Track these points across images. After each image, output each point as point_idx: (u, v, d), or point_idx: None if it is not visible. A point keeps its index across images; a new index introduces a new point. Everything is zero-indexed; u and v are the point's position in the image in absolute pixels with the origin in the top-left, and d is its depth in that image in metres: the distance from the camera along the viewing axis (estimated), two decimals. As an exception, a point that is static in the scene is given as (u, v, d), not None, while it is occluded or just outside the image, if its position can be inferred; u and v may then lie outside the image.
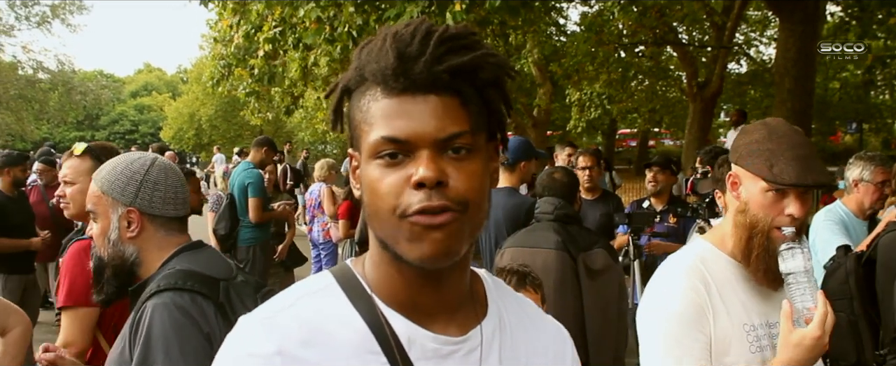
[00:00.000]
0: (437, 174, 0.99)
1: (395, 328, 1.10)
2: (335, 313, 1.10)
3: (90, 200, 2.18)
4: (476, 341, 1.15)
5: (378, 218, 1.05)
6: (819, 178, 1.94)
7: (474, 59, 1.02)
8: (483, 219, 1.08)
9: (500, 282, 1.29)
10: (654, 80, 21.54)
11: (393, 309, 1.11)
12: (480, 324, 1.17)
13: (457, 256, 1.05)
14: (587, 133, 25.41)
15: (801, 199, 1.97)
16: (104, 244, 2.16)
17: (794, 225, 1.96)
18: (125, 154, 2.32)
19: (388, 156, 1.02)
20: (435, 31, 1.03)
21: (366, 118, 1.05)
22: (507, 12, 8.18)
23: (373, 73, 1.03)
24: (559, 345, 1.32)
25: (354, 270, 1.16)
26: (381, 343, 1.08)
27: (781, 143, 1.99)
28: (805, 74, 9.79)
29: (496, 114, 1.09)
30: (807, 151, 1.97)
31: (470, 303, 1.18)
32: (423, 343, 1.10)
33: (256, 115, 15.82)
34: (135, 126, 62.37)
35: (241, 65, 11.29)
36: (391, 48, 1.01)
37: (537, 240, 3.84)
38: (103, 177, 2.18)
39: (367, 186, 1.05)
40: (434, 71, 1.00)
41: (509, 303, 1.26)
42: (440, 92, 1.01)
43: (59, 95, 36.09)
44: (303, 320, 1.08)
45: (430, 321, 1.12)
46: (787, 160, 1.95)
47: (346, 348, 1.07)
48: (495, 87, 1.07)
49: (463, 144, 1.03)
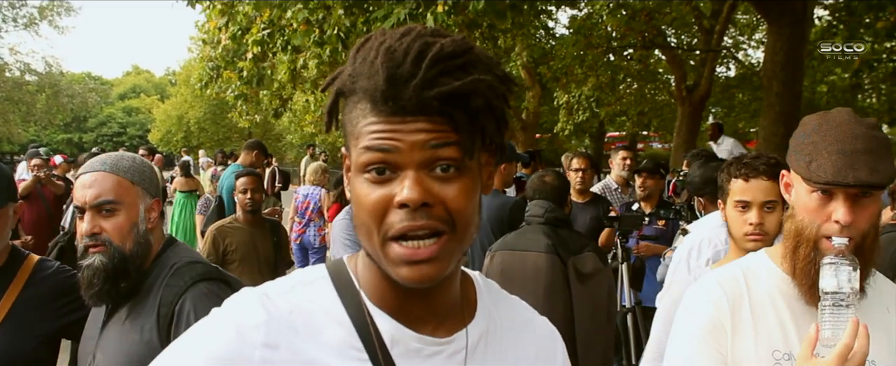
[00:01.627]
0: (421, 196, 0.99)
1: (380, 327, 1.11)
2: (324, 306, 1.12)
3: (112, 191, 2.14)
4: (461, 344, 1.15)
5: (364, 233, 1.05)
6: (864, 176, 1.64)
7: (464, 86, 0.99)
8: (473, 234, 1.07)
9: (493, 284, 1.30)
10: (643, 83, 21.59)
11: (380, 309, 1.12)
12: (466, 327, 1.17)
13: (442, 278, 1.05)
14: (575, 136, 25.41)
15: (852, 201, 1.69)
16: (129, 236, 2.15)
17: (845, 234, 1.67)
18: (118, 152, 2.33)
19: (375, 171, 1.02)
20: (429, 48, 1.00)
21: (354, 132, 1.05)
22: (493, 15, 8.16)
23: (364, 90, 1.02)
24: (549, 347, 1.32)
25: (348, 267, 1.18)
26: (364, 340, 1.09)
27: (828, 135, 1.72)
28: (793, 78, 9.81)
29: (490, 133, 1.07)
30: (861, 144, 1.67)
31: (459, 306, 1.18)
32: (406, 343, 1.11)
33: (245, 117, 15.79)
34: (123, 128, 62.14)
35: (230, 67, 11.25)
36: (383, 67, 0.99)
37: (527, 243, 3.85)
38: (128, 168, 2.19)
39: (354, 198, 1.06)
40: (424, 96, 0.98)
41: (500, 305, 1.27)
42: (430, 114, 0.99)
43: (46, 97, 35.94)
44: (295, 306, 1.09)
45: (417, 323, 1.13)
46: (828, 154, 1.69)
47: (330, 341, 1.09)
48: (488, 110, 1.03)
49: (450, 162, 1.01)
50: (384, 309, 1.12)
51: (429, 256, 1.01)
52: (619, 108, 21.96)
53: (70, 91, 37.17)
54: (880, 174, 1.65)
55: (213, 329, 1.07)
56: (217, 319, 1.09)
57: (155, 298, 2.10)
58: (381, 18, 7.68)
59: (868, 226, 1.70)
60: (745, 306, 1.83)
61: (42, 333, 2.47)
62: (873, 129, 1.71)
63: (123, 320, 2.14)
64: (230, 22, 10.06)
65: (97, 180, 2.14)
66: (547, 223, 3.88)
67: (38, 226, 8.00)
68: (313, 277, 1.17)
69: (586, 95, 19.47)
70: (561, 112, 21.20)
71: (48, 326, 2.48)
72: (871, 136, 1.69)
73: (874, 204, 1.70)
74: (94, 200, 2.12)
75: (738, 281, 1.87)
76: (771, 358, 1.76)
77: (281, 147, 43.50)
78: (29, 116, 37.37)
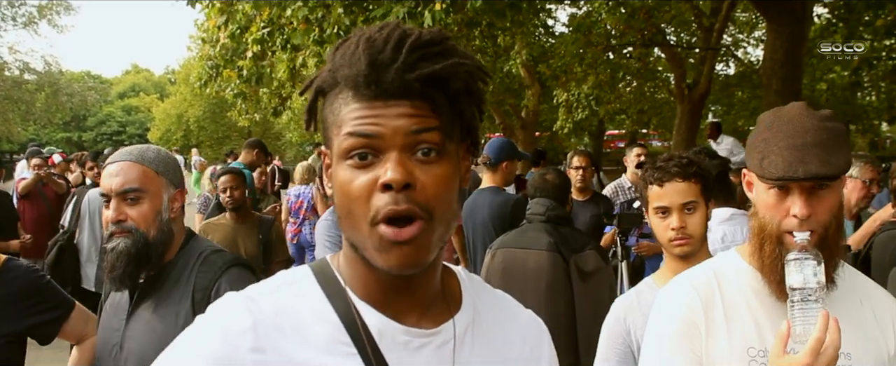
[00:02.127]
0: (405, 176, 1.00)
1: (367, 321, 1.12)
2: (310, 304, 1.13)
3: (139, 180, 2.22)
4: (448, 334, 1.17)
5: (349, 221, 1.06)
6: (814, 169, 1.64)
7: (445, 68, 1.03)
8: (452, 221, 1.09)
9: (476, 278, 1.31)
10: (643, 81, 21.56)
11: (366, 303, 1.13)
12: (453, 318, 1.19)
13: (425, 265, 1.07)
14: (575, 134, 25.40)
15: (808, 194, 1.69)
16: (153, 224, 2.23)
17: (805, 228, 1.68)
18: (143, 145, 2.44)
19: (357, 157, 1.04)
20: (408, 37, 1.03)
21: (337, 120, 1.07)
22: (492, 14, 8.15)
23: (345, 78, 1.05)
24: (535, 338, 1.33)
25: (332, 265, 1.19)
26: (353, 335, 1.10)
27: (780, 130, 1.73)
28: (792, 76, 9.81)
29: (468, 119, 1.10)
30: (812, 137, 1.68)
31: (444, 298, 1.20)
32: (394, 335, 1.12)
33: (244, 116, 15.76)
34: (122, 127, 62.14)
35: (229, 66, 11.24)
36: (364, 54, 1.02)
37: (529, 241, 3.86)
38: (153, 159, 2.29)
39: (338, 187, 1.07)
40: (406, 79, 1.01)
41: (485, 298, 1.28)
42: (411, 97, 1.02)
43: (45, 96, 35.94)
44: (280, 307, 1.10)
45: (402, 316, 1.14)
46: (779, 150, 1.70)
47: (318, 338, 1.09)
48: (467, 94, 1.07)
49: (432, 145, 1.03)
50: (370, 303, 1.13)
51: (410, 237, 1.02)
52: (618, 106, 21.94)
53: (69, 90, 37.17)
54: (832, 165, 1.66)
55: (201, 337, 1.07)
56: (204, 327, 1.09)
57: (187, 285, 2.21)
58: (380, 17, 7.67)
59: (829, 217, 1.71)
60: (718, 305, 1.84)
61: (7, 332, 2.48)
62: (826, 120, 1.73)
63: (153, 309, 2.22)
64: (229, 20, 10.04)
65: (123, 169, 2.23)
66: (548, 221, 3.88)
67: (38, 224, 8.00)
68: (297, 276, 1.18)
69: (586, 93, 19.42)
70: (560, 110, 21.15)
71: (14, 326, 2.50)
72: (822, 128, 1.70)
73: (832, 195, 1.71)
74: (120, 188, 2.21)
75: (710, 281, 1.88)
76: (746, 355, 1.76)
77: (280, 145, 43.51)
78: (28, 114, 37.37)
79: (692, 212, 2.54)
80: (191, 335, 1.09)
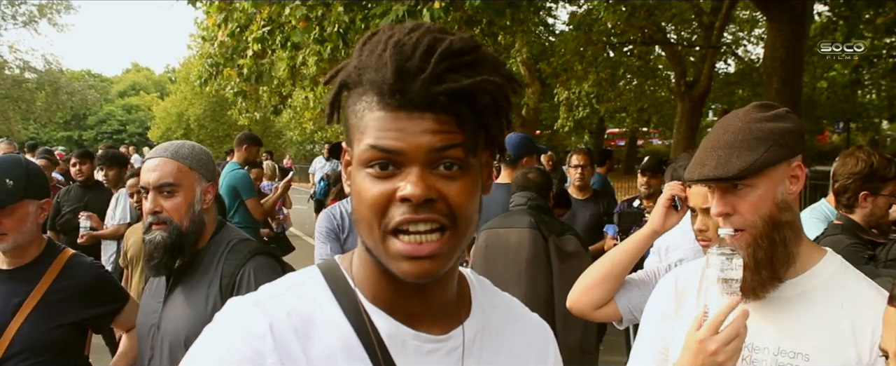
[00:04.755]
0: (425, 192, 0.98)
1: (378, 326, 1.10)
2: (319, 306, 1.10)
3: (173, 175, 2.41)
4: (458, 341, 1.15)
5: (364, 226, 1.04)
6: (707, 171, 1.71)
7: (473, 84, 0.98)
8: (472, 231, 1.07)
9: (486, 282, 1.29)
10: (643, 79, 21.60)
11: (376, 306, 1.11)
12: (463, 324, 1.17)
13: (442, 273, 1.05)
14: (575, 132, 25.42)
15: (723, 193, 1.73)
16: (187, 215, 2.42)
17: (728, 225, 1.72)
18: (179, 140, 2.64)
19: (378, 166, 1.00)
20: (438, 44, 0.99)
21: (359, 125, 1.03)
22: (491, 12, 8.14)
23: (371, 82, 1.01)
24: (542, 344, 1.32)
25: (341, 266, 1.16)
26: (363, 340, 1.08)
27: (709, 136, 1.79)
28: (793, 74, 9.82)
29: (493, 131, 1.06)
30: (728, 137, 1.73)
31: (454, 304, 1.18)
32: (404, 340, 1.11)
33: (244, 114, 15.79)
34: (123, 126, 62.10)
35: (230, 64, 11.25)
36: (391, 59, 0.98)
37: (511, 222, 4.01)
38: (187, 155, 2.46)
39: (355, 192, 1.04)
40: (432, 91, 0.97)
41: (495, 302, 1.27)
42: (436, 111, 0.98)
43: (46, 94, 35.98)
44: (291, 309, 1.08)
45: (413, 320, 1.12)
46: (697, 152, 1.78)
47: (329, 343, 1.07)
48: (494, 108, 1.03)
49: (455, 160, 1.00)
50: (380, 307, 1.11)
51: (430, 253, 1.00)
52: (618, 104, 21.99)
53: (70, 89, 37.22)
54: (728, 167, 1.68)
55: (223, 343, 1.05)
56: (222, 332, 1.06)
57: (216, 270, 2.39)
58: (379, 15, 7.68)
59: (755, 216, 1.71)
60: (690, 295, 1.91)
61: (66, 321, 2.74)
62: (759, 121, 1.73)
63: (186, 293, 2.41)
64: (229, 19, 10.05)
65: (159, 165, 2.42)
66: (530, 209, 4.01)
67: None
68: (305, 277, 1.16)
69: (586, 91, 19.44)
70: (561, 109, 21.17)
71: (74, 316, 2.76)
72: (744, 129, 1.72)
73: (756, 193, 1.71)
74: (157, 182, 2.40)
75: (696, 273, 1.94)
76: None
77: (281, 144, 43.50)
78: (29, 113, 37.42)
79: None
80: (212, 343, 1.06)
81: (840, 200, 3.49)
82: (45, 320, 2.68)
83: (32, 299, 2.69)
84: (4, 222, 2.63)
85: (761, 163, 1.68)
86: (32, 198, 2.71)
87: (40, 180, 2.78)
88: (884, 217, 3.48)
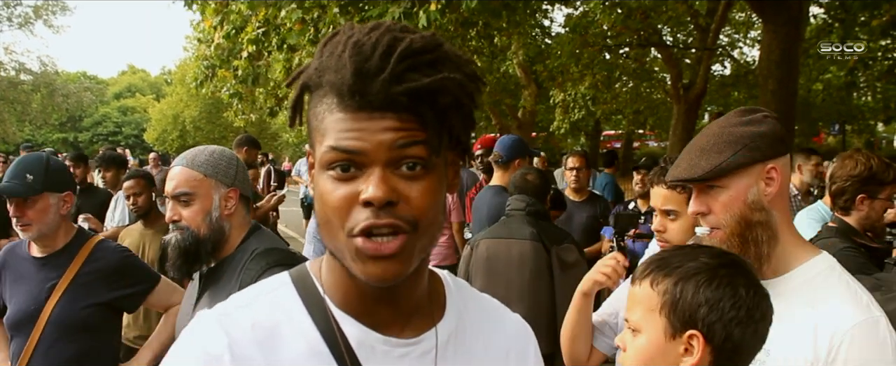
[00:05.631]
0: (387, 194, 0.97)
1: (347, 332, 1.09)
2: (288, 314, 1.10)
3: (188, 184, 2.46)
4: (430, 343, 1.14)
5: (327, 229, 1.04)
6: (677, 173, 1.83)
7: (434, 83, 0.97)
8: (437, 233, 1.06)
9: (462, 282, 1.29)
10: (639, 81, 21.60)
11: (345, 313, 1.11)
12: (436, 326, 1.16)
13: (405, 276, 1.04)
14: (571, 134, 25.42)
15: (698, 193, 1.83)
16: (203, 223, 2.46)
17: (705, 225, 1.82)
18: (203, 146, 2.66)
19: (339, 168, 1.00)
20: (398, 44, 0.98)
21: (320, 127, 1.02)
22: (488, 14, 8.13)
23: (330, 84, 1.00)
24: (521, 343, 1.31)
25: (311, 272, 1.16)
26: (331, 347, 1.08)
27: (691, 141, 1.89)
28: (788, 76, 9.82)
29: (457, 130, 1.05)
30: (702, 141, 1.83)
31: (427, 305, 1.17)
32: (373, 346, 1.10)
33: (240, 116, 15.77)
34: (118, 128, 62.00)
35: (225, 66, 11.23)
36: (350, 60, 0.97)
37: (512, 231, 3.98)
38: (203, 163, 2.50)
39: (318, 195, 1.04)
40: (392, 92, 0.96)
41: (469, 303, 1.26)
42: (397, 110, 0.98)
43: (41, 96, 35.94)
44: (256, 320, 1.08)
45: (383, 326, 1.12)
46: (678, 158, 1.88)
47: (297, 351, 1.07)
48: (457, 107, 1.02)
49: (417, 160, 1.00)
50: (349, 313, 1.11)
51: (391, 253, 0.99)
52: (614, 106, 21.99)
53: (65, 90, 37.16)
54: (695, 169, 1.78)
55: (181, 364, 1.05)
56: (181, 353, 1.06)
57: (237, 279, 2.40)
58: (375, 17, 7.67)
59: (726, 215, 1.78)
60: None
61: (96, 302, 3.05)
62: (732, 125, 1.81)
63: (211, 299, 2.42)
64: (225, 21, 10.04)
65: (176, 174, 2.49)
66: (529, 215, 3.98)
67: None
68: (275, 285, 1.16)
69: (582, 93, 19.46)
70: (557, 111, 21.19)
71: (102, 297, 3.08)
72: (719, 132, 1.80)
73: (727, 194, 1.78)
74: (173, 192, 2.47)
75: None
76: None
77: (277, 146, 43.49)
78: (24, 115, 37.38)
79: (675, 219, 2.55)
80: (169, 362, 1.06)
81: (836, 201, 3.50)
82: (76, 300, 3.02)
83: (63, 282, 3.03)
84: (27, 214, 3.00)
85: (727, 165, 1.76)
86: (53, 191, 3.05)
87: (61, 175, 3.13)
88: (879, 221, 3.48)
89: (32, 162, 3.09)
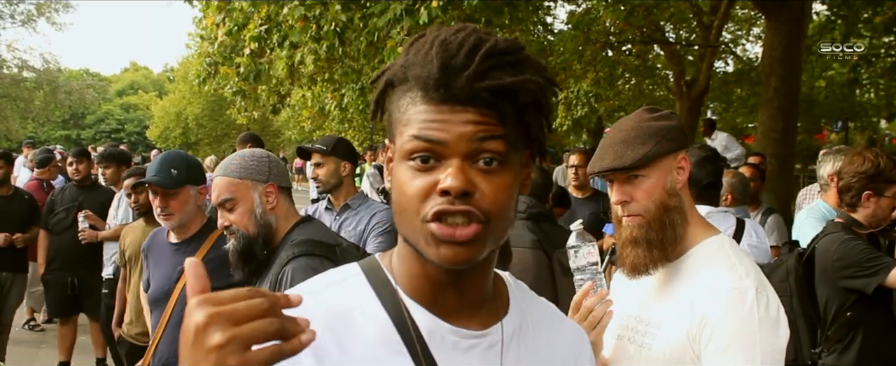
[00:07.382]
0: (464, 185, 1.01)
1: (417, 321, 1.12)
2: (360, 303, 1.13)
3: (226, 190, 2.65)
4: (496, 337, 1.17)
5: (403, 217, 1.07)
6: (606, 163, 1.93)
7: (516, 83, 1.02)
8: (508, 227, 1.10)
9: (522, 284, 1.32)
10: (642, 78, 21.55)
11: (416, 302, 1.14)
12: (501, 321, 1.19)
13: (476, 261, 1.07)
14: (574, 132, 25.41)
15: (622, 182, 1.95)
16: (250, 222, 2.66)
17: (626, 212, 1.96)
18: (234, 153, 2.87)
19: (419, 159, 1.04)
20: (483, 43, 1.03)
21: (402, 119, 1.07)
22: (490, 11, 8.11)
23: (416, 78, 1.05)
24: (578, 347, 1.34)
25: (381, 263, 1.20)
26: (403, 335, 1.11)
27: (606, 136, 2.03)
28: (791, 73, 9.82)
29: (534, 130, 1.09)
30: (622, 135, 1.95)
31: (492, 301, 1.21)
32: (443, 336, 1.13)
33: (243, 113, 15.75)
34: (121, 125, 62.08)
35: (228, 63, 11.23)
36: (437, 56, 1.02)
37: (512, 238, 3.87)
38: (235, 167, 2.68)
39: (396, 185, 1.08)
40: (475, 87, 1.00)
41: (531, 304, 1.29)
42: (479, 105, 1.02)
43: (44, 93, 35.90)
44: (329, 306, 1.11)
45: (452, 316, 1.14)
46: (597, 152, 1.99)
47: (369, 337, 1.10)
48: (535, 107, 1.07)
49: (494, 155, 1.03)
50: (420, 302, 1.14)
51: (465, 239, 1.02)
52: (617, 103, 21.96)
53: (68, 88, 37.13)
54: (624, 158, 1.91)
55: None
56: None
57: (275, 270, 2.56)
58: (377, 14, 7.67)
59: (649, 201, 1.93)
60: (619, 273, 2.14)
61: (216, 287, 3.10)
62: (646, 121, 1.96)
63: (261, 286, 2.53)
64: (227, 18, 10.03)
65: (217, 184, 2.68)
66: (530, 218, 3.94)
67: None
68: (346, 274, 1.19)
69: (585, 90, 19.44)
70: (559, 107, 21.16)
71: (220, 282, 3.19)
72: (636, 126, 1.95)
73: (649, 182, 1.93)
74: (218, 200, 2.67)
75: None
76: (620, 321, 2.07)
77: (279, 143, 43.48)
78: (27, 112, 37.34)
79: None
80: None
81: (843, 198, 3.51)
82: None
83: None
84: (171, 204, 3.37)
85: (652, 154, 1.90)
86: (192, 184, 3.45)
87: (198, 171, 3.54)
88: (885, 218, 3.49)
89: (175, 158, 3.50)
